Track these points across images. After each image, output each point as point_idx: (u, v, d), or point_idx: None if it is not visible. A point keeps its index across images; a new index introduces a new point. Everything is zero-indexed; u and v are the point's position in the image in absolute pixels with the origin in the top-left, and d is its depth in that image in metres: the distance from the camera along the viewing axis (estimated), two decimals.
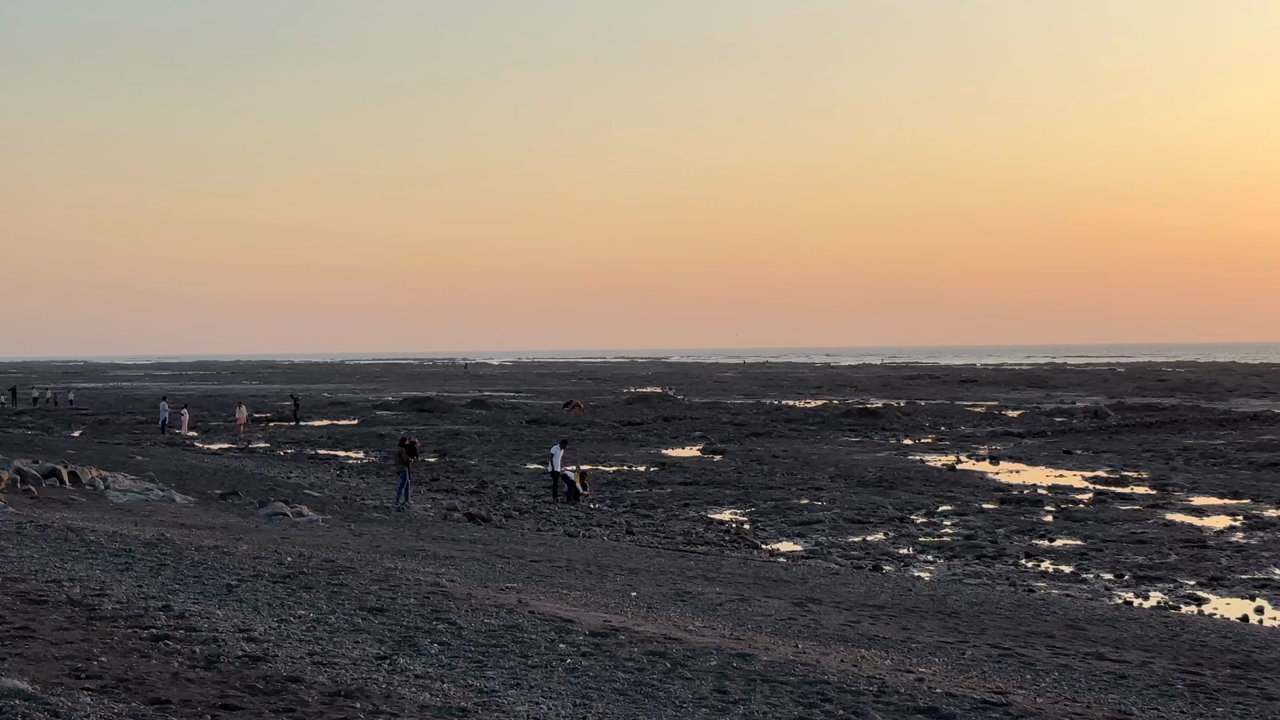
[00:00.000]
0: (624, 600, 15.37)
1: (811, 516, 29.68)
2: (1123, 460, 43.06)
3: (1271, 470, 38.88)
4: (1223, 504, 31.84)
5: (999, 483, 37.04)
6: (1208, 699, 11.29)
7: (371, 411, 76.69)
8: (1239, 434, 52.44)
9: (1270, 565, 22.77)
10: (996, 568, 22.96)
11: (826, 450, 47.54)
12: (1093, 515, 29.55)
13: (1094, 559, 23.72)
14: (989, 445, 50.17)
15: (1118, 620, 16.34)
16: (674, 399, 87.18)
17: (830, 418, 64.15)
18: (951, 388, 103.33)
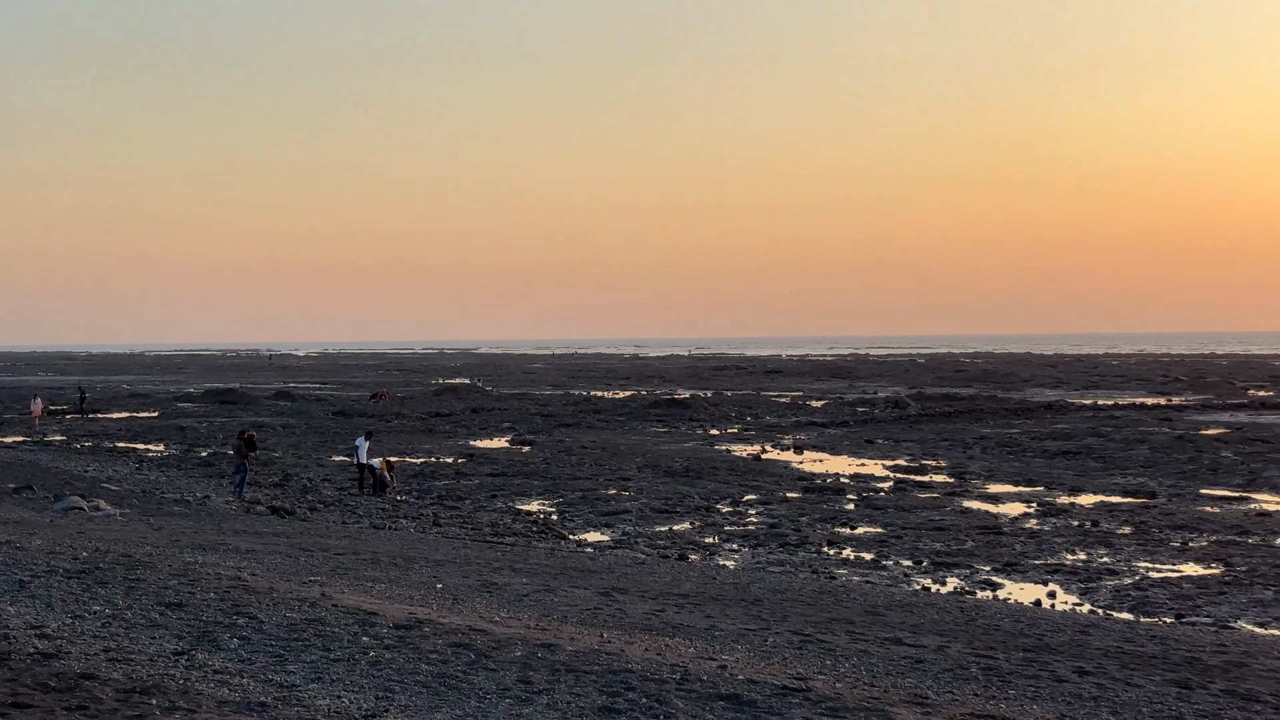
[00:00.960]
0: (429, 592, 15.29)
1: (619, 507, 29.82)
2: (922, 449, 44.00)
3: (1064, 458, 40.05)
4: (1018, 491, 32.71)
5: (803, 472, 37.60)
6: (1001, 682, 11.58)
7: (172, 403, 75.12)
8: (1033, 423, 53.92)
9: (1062, 551, 23.44)
10: (800, 555, 23.29)
11: (635, 441, 47.79)
12: (893, 503, 30.15)
13: (894, 546, 24.20)
14: (793, 435, 50.90)
15: (916, 606, 16.69)
16: (483, 390, 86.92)
17: (638, 408, 64.49)
18: (758, 378, 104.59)
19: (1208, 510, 28.62)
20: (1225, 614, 17.93)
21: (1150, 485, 33.16)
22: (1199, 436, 45.17)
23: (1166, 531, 25.55)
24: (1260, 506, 29.41)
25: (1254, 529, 25.70)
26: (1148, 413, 60.45)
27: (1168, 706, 10.87)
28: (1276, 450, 40.04)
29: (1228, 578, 20.52)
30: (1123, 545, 23.96)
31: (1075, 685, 11.57)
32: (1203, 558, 22.54)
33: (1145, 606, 18.59)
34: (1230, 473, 35.42)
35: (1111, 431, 47.31)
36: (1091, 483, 33.99)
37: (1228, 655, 13.58)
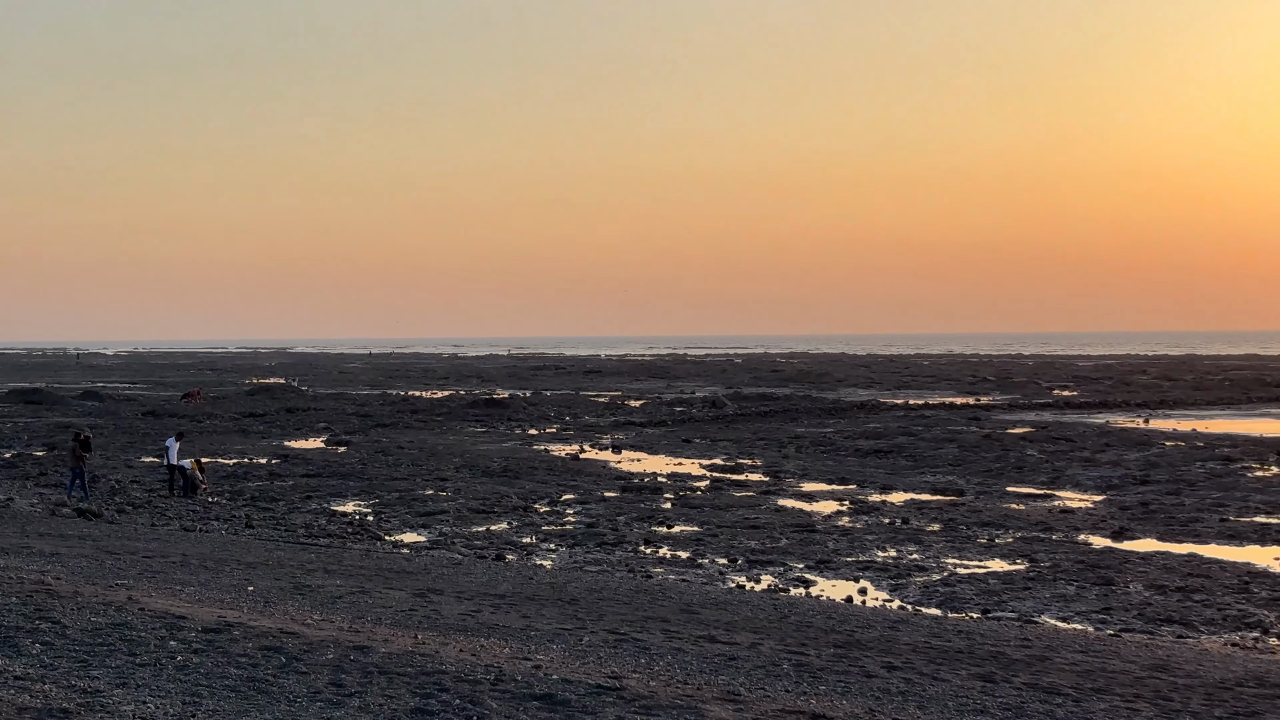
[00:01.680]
0: (240, 595, 15.05)
1: (436, 507, 29.65)
2: (739, 448, 44.45)
3: (876, 457, 40.77)
4: (831, 490, 33.21)
5: (621, 471, 37.74)
6: (812, 677, 11.75)
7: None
8: (847, 422, 54.79)
9: (874, 548, 23.84)
10: (617, 555, 23.37)
11: (453, 441, 47.55)
12: (709, 502, 30.41)
13: (710, 544, 24.40)
14: (612, 435, 51.08)
15: (730, 604, 16.85)
16: (298, 390, 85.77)
17: (457, 408, 64.18)
18: (577, 378, 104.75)
19: (1013, 508, 29.33)
20: (1029, 609, 18.39)
21: (959, 483, 33.89)
22: (1006, 435, 46.27)
23: (974, 528, 26.13)
24: (1063, 504, 30.23)
25: (1057, 525, 26.40)
26: (957, 412, 61.81)
27: (973, 700, 11.12)
28: (1079, 449, 41.18)
29: (1032, 573, 21.05)
30: (932, 542, 24.45)
31: (884, 680, 11.79)
32: (1008, 554, 23.09)
33: (953, 602, 18.99)
34: (1035, 471, 36.36)
35: (922, 430, 48.25)
36: (902, 481, 34.64)
37: (1031, 649, 13.94)
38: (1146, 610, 18.13)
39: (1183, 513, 27.89)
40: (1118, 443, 43.00)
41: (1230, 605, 18.39)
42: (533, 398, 73.25)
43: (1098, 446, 41.81)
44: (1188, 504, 29.26)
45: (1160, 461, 37.58)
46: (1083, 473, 35.58)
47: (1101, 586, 19.83)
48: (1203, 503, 29.41)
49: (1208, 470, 35.62)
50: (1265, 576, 20.57)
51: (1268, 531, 25.39)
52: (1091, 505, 29.89)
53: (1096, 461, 38.05)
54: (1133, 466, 36.51)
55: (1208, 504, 29.21)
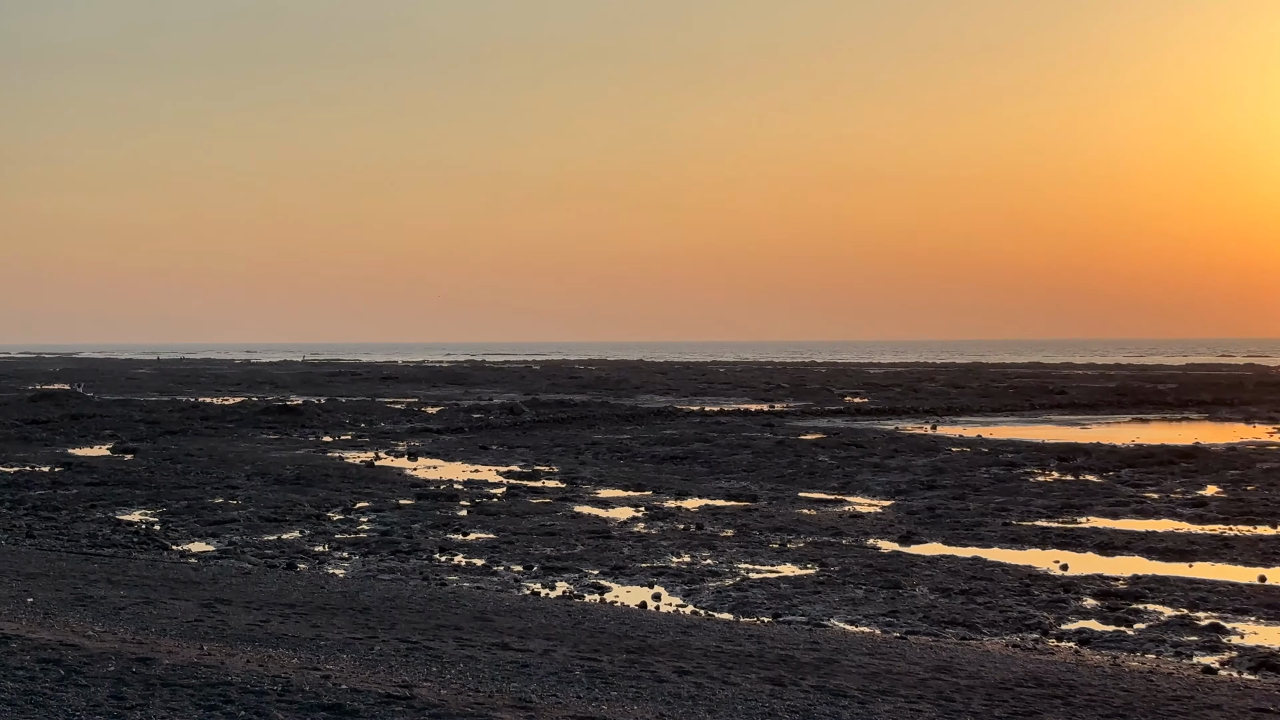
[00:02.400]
0: (19, 607, 14.61)
1: (226, 516, 29.10)
2: (536, 455, 44.45)
3: (672, 463, 41.09)
4: (627, 496, 33.37)
5: (417, 478, 37.48)
6: (604, 683, 11.80)
7: None
8: (644, 429, 55.13)
9: (668, 554, 24.01)
10: (411, 563, 23.19)
11: (244, 448, 46.73)
12: (506, 509, 30.35)
13: (505, 551, 24.34)
14: (408, 441, 50.69)
15: (524, 610, 16.84)
16: (83, 396, 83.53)
17: (249, 415, 63.09)
18: (373, 384, 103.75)
19: (805, 513, 29.79)
20: (819, 613, 18.68)
21: (752, 489, 34.30)
22: (799, 441, 47.01)
23: (767, 534, 26.47)
24: (854, 508, 30.78)
25: (847, 530, 26.87)
26: (752, 419, 62.59)
27: (761, 703, 11.27)
28: (869, 455, 42.01)
29: (822, 577, 21.39)
30: (725, 547, 24.70)
31: (675, 685, 11.89)
32: (800, 558, 23.43)
33: (745, 607, 19.21)
34: (827, 476, 36.98)
35: (717, 437, 48.79)
36: (697, 487, 34.96)
37: (820, 652, 14.17)
38: (932, 613, 18.54)
39: (968, 517, 28.60)
40: (906, 449, 43.97)
41: (1012, 607, 18.89)
42: (327, 404, 72.31)
43: (887, 452, 42.71)
44: (972, 508, 30.01)
45: (947, 467, 38.52)
46: (872, 478, 36.29)
47: (889, 590, 20.23)
48: (987, 507, 30.19)
49: (992, 475, 36.59)
50: (1045, 579, 21.17)
51: (1048, 535, 26.16)
52: (880, 510, 30.49)
53: (886, 467, 38.85)
54: (920, 472, 37.35)
55: (991, 508, 29.99)
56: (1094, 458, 40.68)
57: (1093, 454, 41.71)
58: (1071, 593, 19.98)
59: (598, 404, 72.64)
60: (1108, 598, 19.59)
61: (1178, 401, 77.17)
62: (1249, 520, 28.11)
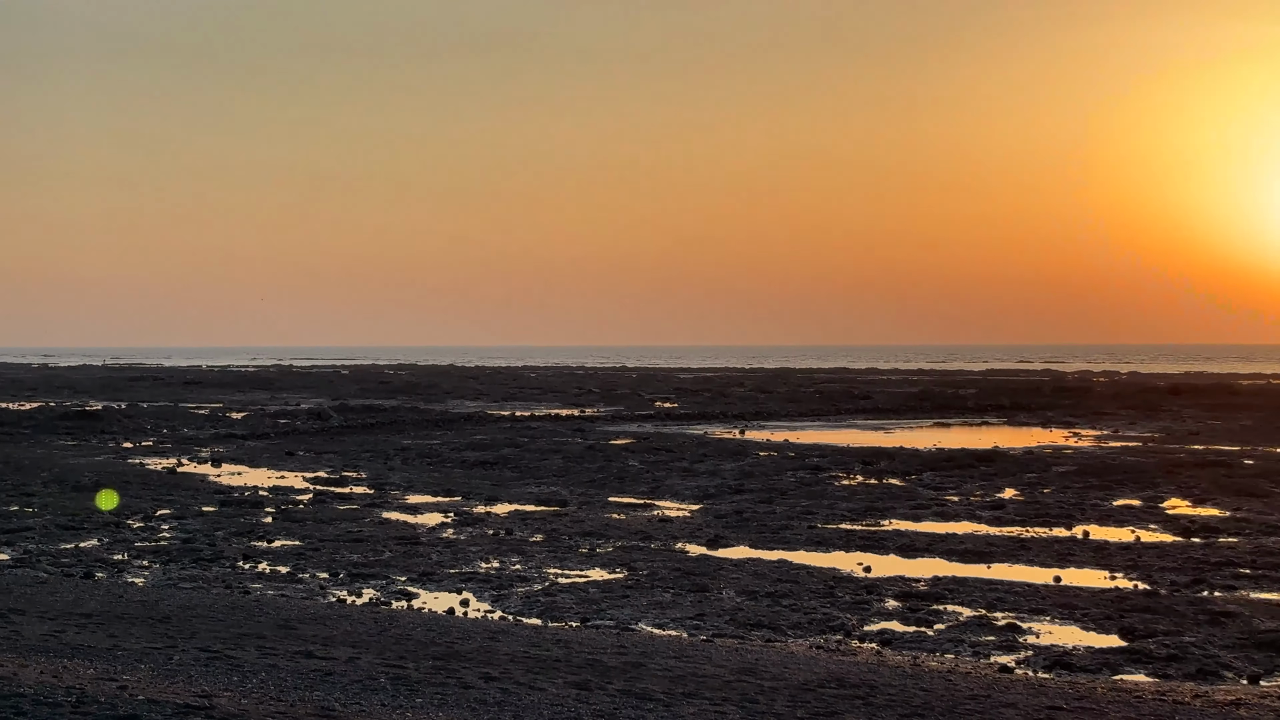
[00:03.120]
0: None
1: (21, 524, 28.27)
2: (344, 460, 43.96)
3: (482, 468, 40.94)
4: (436, 502, 33.18)
5: (221, 485, 36.82)
6: (409, 690, 11.71)
7: None
8: (454, 434, 54.87)
9: (477, 560, 23.92)
10: (214, 570, 22.78)
11: (41, 454, 45.46)
12: (312, 515, 29.96)
13: (311, 558, 24.03)
14: (211, 447, 49.79)
15: (329, 618, 16.64)
16: None
17: (46, 420, 61.40)
18: (176, 389, 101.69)
19: (615, 517, 29.89)
20: (627, 617, 18.76)
21: (563, 494, 34.32)
22: (609, 446, 47.19)
23: (576, 538, 26.50)
24: (663, 513, 30.98)
25: (656, 534, 27.03)
26: (562, 423, 62.69)
27: (567, 708, 11.28)
28: (678, 459, 42.31)
29: (630, 582, 21.48)
30: (535, 552, 24.69)
31: (482, 691, 11.84)
32: (609, 563, 23.51)
33: (553, 611, 19.21)
34: (636, 481, 37.16)
35: (528, 442, 48.76)
36: (507, 492, 34.88)
37: (627, 656, 14.23)
38: (738, 615, 18.73)
39: (774, 520, 28.95)
40: (715, 453, 44.39)
41: (816, 609, 19.17)
42: (129, 409, 70.67)
43: (696, 457, 43.07)
44: (779, 512, 30.39)
45: (755, 471, 38.97)
46: (681, 483, 36.56)
47: (697, 593, 20.39)
48: (793, 510, 30.59)
49: (798, 479, 37.11)
50: (849, 581, 21.52)
51: (852, 537, 26.60)
52: (689, 514, 30.73)
53: (695, 471, 39.17)
54: (729, 476, 37.73)
55: (798, 511, 30.40)
56: (897, 461, 41.49)
57: (896, 458, 42.53)
58: (874, 594, 20.34)
59: (407, 409, 72.10)
60: (909, 599, 19.98)
61: (978, 406, 79.07)
62: (1045, 522, 28.90)
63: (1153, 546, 25.29)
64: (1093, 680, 14.81)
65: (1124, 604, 19.25)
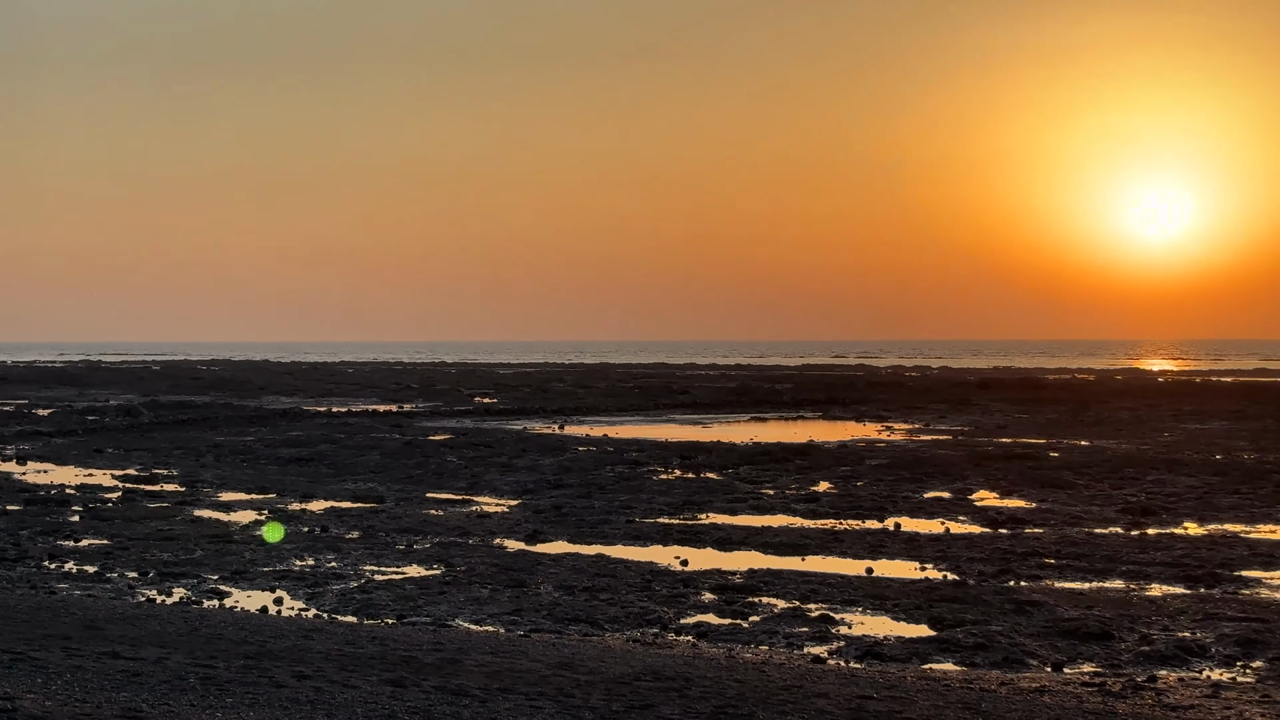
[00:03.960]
0: None
1: None
2: (154, 458, 43.08)
3: (297, 465, 40.41)
4: (250, 499, 32.67)
5: (26, 483, 35.83)
6: (219, 690, 11.52)
7: None
8: (269, 430, 54.08)
9: (292, 557, 23.60)
10: (18, 570, 22.17)
11: None
12: (121, 514, 29.30)
13: (120, 558, 23.51)
14: (16, 445, 48.41)
15: (138, 618, 16.29)
16: None
17: None
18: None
19: (433, 513, 29.72)
20: (444, 613, 18.65)
21: (380, 490, 34.03)
22: (427, 442, 46.91)
23: (393, 535, 26.30)
24: (481, 508, 30.88)
25: (474, 530, 26.93)
26: (380, 419, 62.16)
27: (381, 705, 11.19)
28: (497, 455, 42.23)
29: (448, 578, 21.37)
30: (351, 550, 24.43)
31: (294, 690, 11.69)
32: (426, 559, 23.36)
33: (369, 609, 19.04)
34: (455, 477, 36.99)
35: (344, 438, 48.27)
36: (323, 489, 34.48)
37: (443, 653, 14.15)
38: (556, 610, 18.74)
39: (593, 515, 29.02)
40: (534, 448, 44.39)
41: (634, 603, 19.26)
42: None
43: (515, 452, 43.02)
44: (598, 506, 30.48)
45: (573, 466, 39.03)
46: (500, 478, 36.48)
47: (514, 589, 20.36)
48: (611, 505, 30.70)
49: (617, 474, 37.26)
50: (666, 574, 21.66)
51: (669, 532, 26.77)
52: (508, 509, 30.67)
53: (514, 467, 39.11)
54: (548, 471, 37.73)
55: (616, 506, 30.52)
56: (715, 456, 41.87)
57: (713, 452, 42.93)
58: (691, 588, 20.49)
59: (220, 405, 70.87)
60: (725, 592, 20.17)
61: (794, 401, 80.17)
62: (858, 514, 29.39)
63: (961, 538, 25.87)
64: (903, 669, 15.08)
65: (933, 594, 19.65)
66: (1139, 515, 28.42)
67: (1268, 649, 16.09)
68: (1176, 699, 13.52)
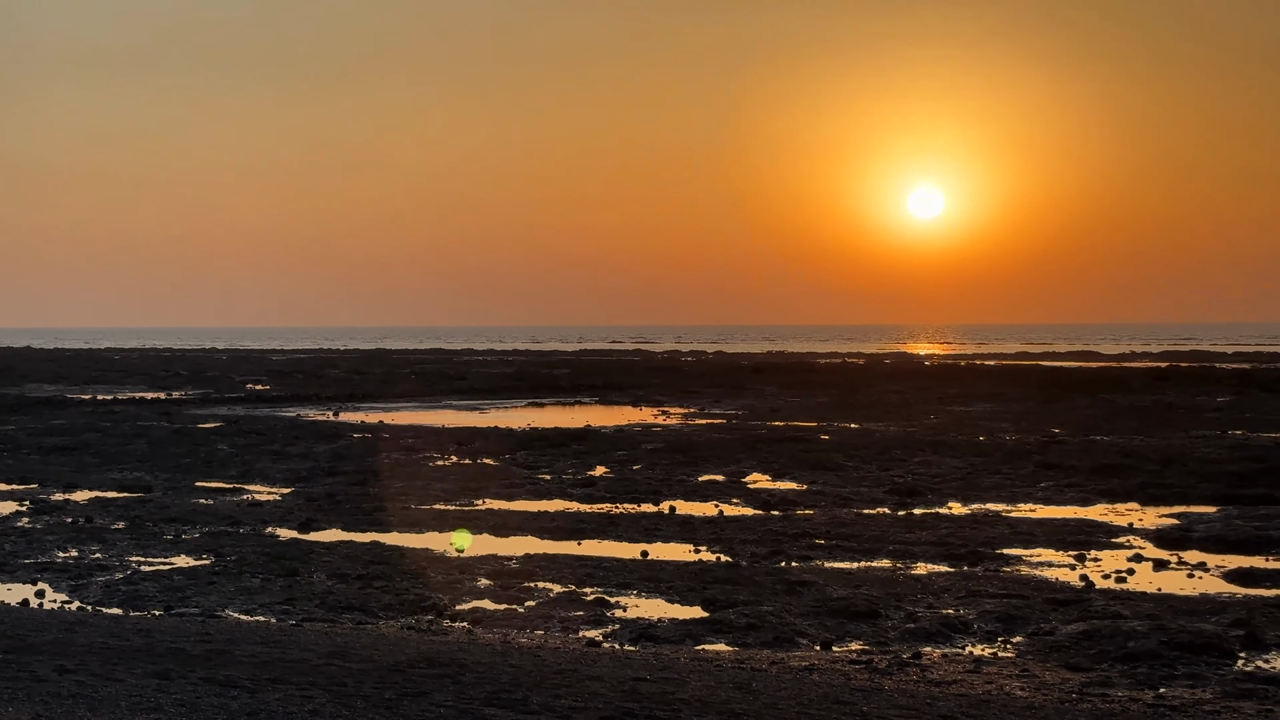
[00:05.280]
0: None
1: None
2: None
3: (60, 454, 39.21)
4: (11, 490, 31.63)
5: None
6: None
7: None
8: (30, 418, 52.37)
9: (54, 549, 22.92)
10: None
11: None
12: None
13: None
14: None
15: None
16: None
17: None
18: None
19: (203, 503, 29.12)
20: (214, 603, 18.30)
21: (147, 479, 33.20)
22: (197, 430, 45.95)
23: (161, 525, 25.70)
24: (253, 497, 30.36)
25: (246, 519, 26.46)
26: (148, 407, 60.64)
27: (147, 698, 10.93)
28: (270, 442, 41.52)
29: (218, 568, 20.96)
30: (116, 540, 23.82)
31: (55, 684, 11.36)
32: (195, 549, 22.87)
33: (135, 600, 18.57)
34: (226, 465, 36.28)
35: (110, 426, 47.00)
36: (88, 478, 33.52)
37: (212, 644, 13.88)
38: (329, 599, 18.51)
39: (368, 503, 28.74)
40: (308, 435, 43.77)
41: (409, 590, 19.13)
42: None
43: (289, 439, 42.35)
44: (373, 494, 30.18)
45: (349, 453, 38.58)
46: (273, 466, 35.88)
47: (287, 578, 20.05)
48: (387, 492, 30.43)
49: (393, 461, 36.93)
50: (442, 561, 21.56)
51: (446, 518, 26.65)
52: (281, 498, 30.20)
53: (287, 454, 38.50)
54: (322, 459, 37.23)
55: (392, 493, 30.26)
56: (492, 441, 41.78)
57: (491, 438, 42.84)
58: (467, 574, 20.41)
59: None
60: (501, 577, 20.13)
61: (572, 386, 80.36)
62: (634, 499, 29.59)
63: (735, 520, 26.23)
64: (676, 651, 15.25)
65: (707, 576, 19.89)
66: (906, 496, 29.14)
67: (1027, 624, 16.65)
68: (940, 674, 13.91)
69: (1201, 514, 26.34)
